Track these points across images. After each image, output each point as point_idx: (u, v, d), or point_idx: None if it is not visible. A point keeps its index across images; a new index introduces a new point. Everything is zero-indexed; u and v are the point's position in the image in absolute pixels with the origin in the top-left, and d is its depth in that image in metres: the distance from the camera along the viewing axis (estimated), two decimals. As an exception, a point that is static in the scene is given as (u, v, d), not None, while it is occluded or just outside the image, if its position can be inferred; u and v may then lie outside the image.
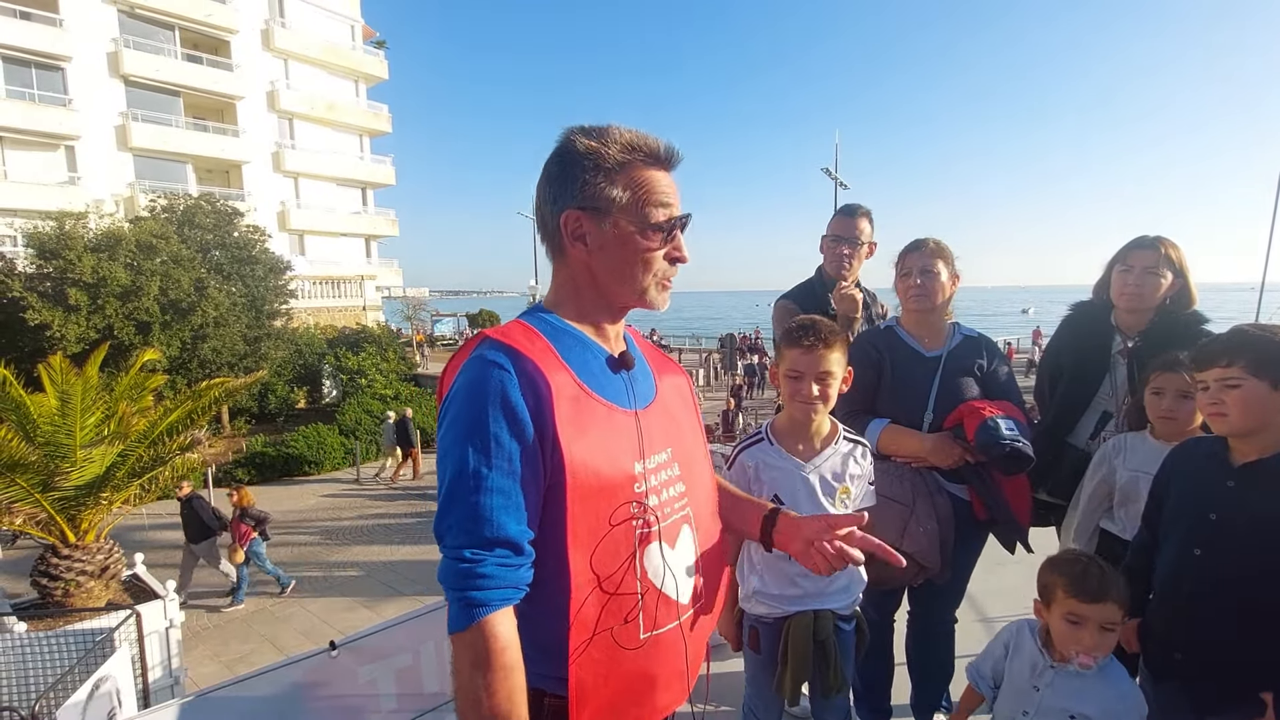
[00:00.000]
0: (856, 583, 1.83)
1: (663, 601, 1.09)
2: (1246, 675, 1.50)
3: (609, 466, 1.03)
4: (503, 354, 1.00)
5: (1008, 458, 1.92)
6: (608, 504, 1.03)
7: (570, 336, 1.10)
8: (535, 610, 1.02)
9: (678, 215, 1.10)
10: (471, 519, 0.95)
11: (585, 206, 1.06)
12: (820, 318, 1.74)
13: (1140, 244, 2.19)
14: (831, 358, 1.68)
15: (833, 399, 1.72)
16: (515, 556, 0.97)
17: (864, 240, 2.59)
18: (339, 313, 26.67)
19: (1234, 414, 1.49)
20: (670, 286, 1.14)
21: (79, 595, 6.25)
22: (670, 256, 1.11)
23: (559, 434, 0.98)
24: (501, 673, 0.93)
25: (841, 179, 24.47)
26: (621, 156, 1.05)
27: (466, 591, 0.94)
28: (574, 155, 1.06)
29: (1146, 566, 1.73)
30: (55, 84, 20.85)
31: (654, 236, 1.08)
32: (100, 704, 3.52)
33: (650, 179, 1.07)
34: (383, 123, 29.99)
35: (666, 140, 1.09)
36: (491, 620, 0.94)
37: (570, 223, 1.07)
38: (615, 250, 1.08)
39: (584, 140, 1.06)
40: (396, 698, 2.65)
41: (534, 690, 1.03)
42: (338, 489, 15.78)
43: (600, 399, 1.06)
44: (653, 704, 1.12)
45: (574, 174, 1.06)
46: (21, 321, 15.26)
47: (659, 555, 1.09)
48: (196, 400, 7.30)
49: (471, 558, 0.94)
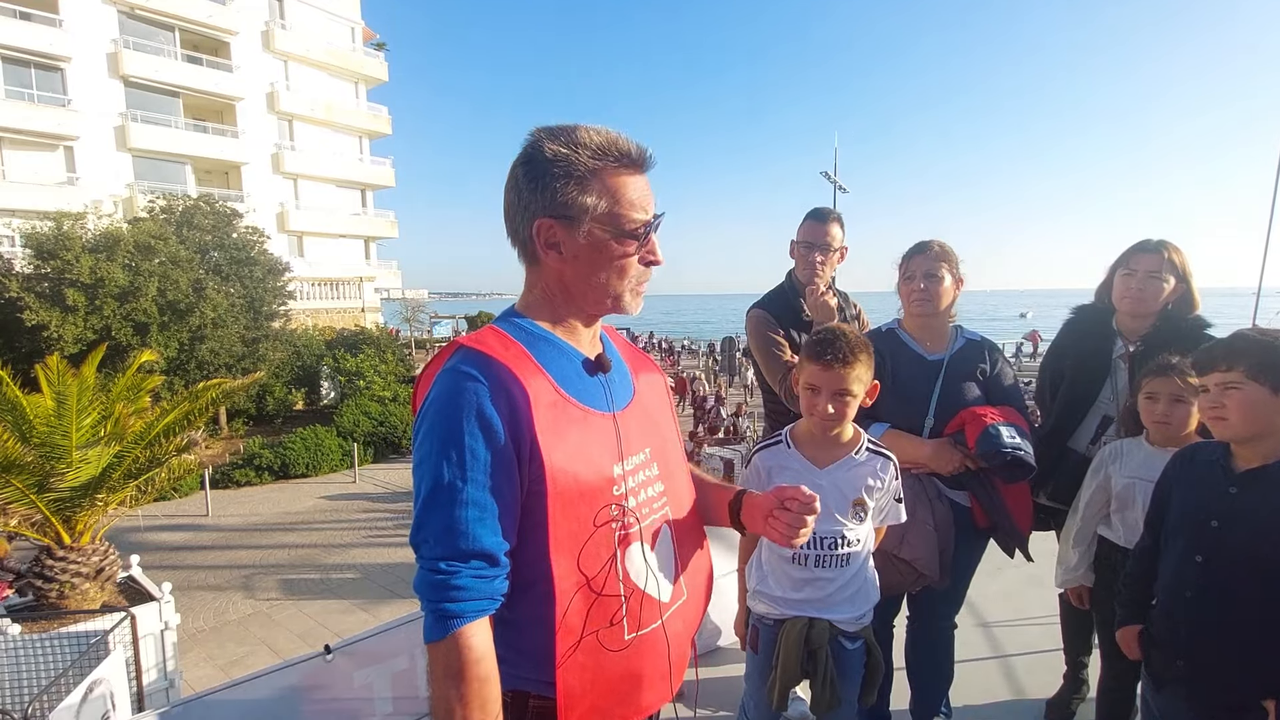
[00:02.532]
0: (864, 598, 1.78)
1: (646, 602, 1.09)
2: (1249, 683, 1.48)
3: (588, 471, 1.03)
4: (476, 365, 0.99)
5: (1009, 466, 1.91)
6: (589, 508, 1.03)
7: (546, 342, 1.09)
8: (519, 615, 1.03)
9: (652, 219, 1.07)
10: (447, 531, 0.95)
11: (557, 215, 1.03)
12: (847, 330, 1.69)
13: (1143, 248, 2.19)
14: (851, 376, 1.63)
15: (850, 416, 1.68)
16: (490, 568, 0.98)
17: (835, 246, 2.54)
18: (337, 314, 26.66)
19: (1234, 418, 1.48)
20: (644, 291, 1.13)
21: (74, 597, 6.21)
22: (644, 260, 1.10)
23: (538, 441, 0.98)
24: (476, 683, 0.94)
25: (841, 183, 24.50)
26: (593, 163, 1.02)
27: (441, 603, 0.95)
28: (543, 162, 1.02)
29: (1149, 573, 1.72)
30: (55, 84, 20.84)
31: (629, 243, 1.06)
32: (94, 707, 3.50)
33: (623, 184, 1.05)
34: (382, 124, 30.02)
35: (638, 141, 1.06)
36: (466, 631, 0.94)
37: (543, 231, 1.05)
38: (589, 258, 1.05)
39: (552, 145, 1.02)
40: (392, 701, 2.63)
41: (518, 693, 1.05)
42: (335, 491, 15.75)
43: (578, 404, 1.06)
44: (637, 703, 1.12)
45: (544, 181, 1.02)
46: (19, 322, 15.25)
47: (640, 556, 1.09)
48: (194, 401, 7.28)
49: (447, 569, 0.95)
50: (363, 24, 29.39)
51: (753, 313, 2.62)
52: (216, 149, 24.59)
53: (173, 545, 12.21)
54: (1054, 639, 2.65)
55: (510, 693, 1.05)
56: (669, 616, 1.14)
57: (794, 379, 1.81)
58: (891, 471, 1.76)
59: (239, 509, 14.46)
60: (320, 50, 27.02)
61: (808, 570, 1.73)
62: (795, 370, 1.81)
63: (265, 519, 13.80)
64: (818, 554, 1.72)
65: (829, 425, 1.69)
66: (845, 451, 1.74)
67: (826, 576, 1.73)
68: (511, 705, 1.05)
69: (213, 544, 12.41)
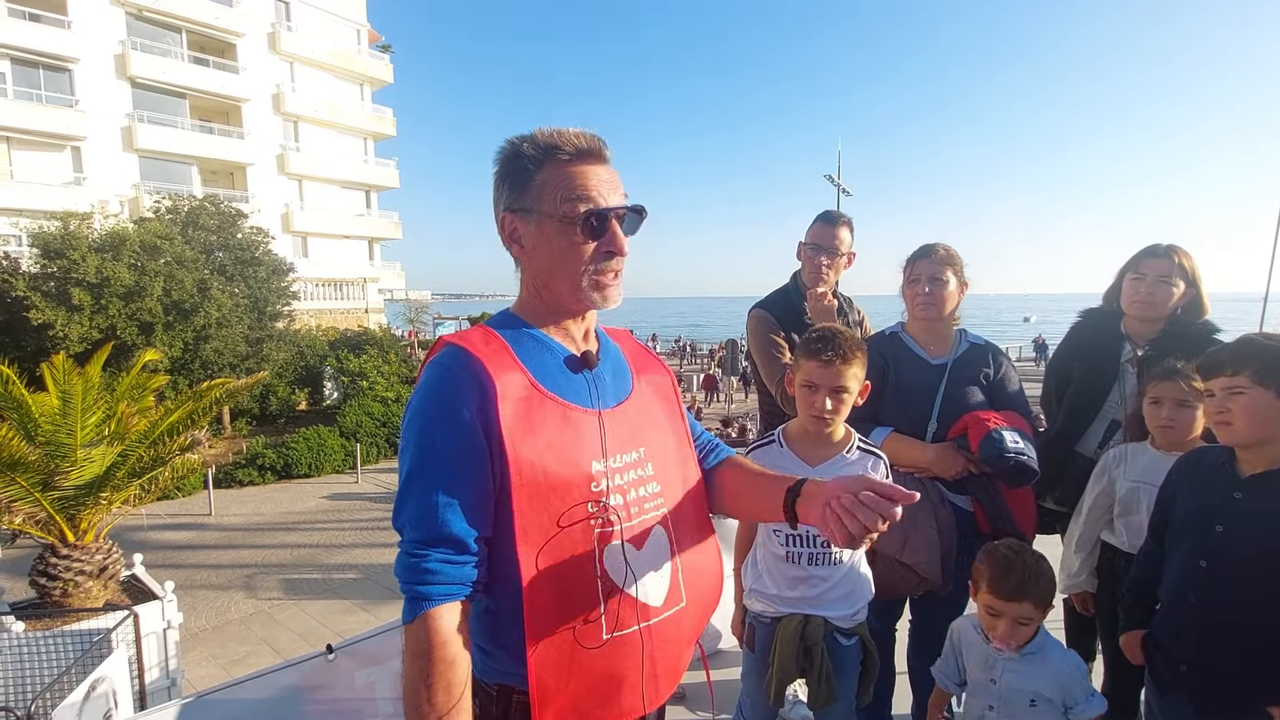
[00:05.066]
0: (859, 595, 1.80)
1: (626, 602, 1.08)
2: (1252, 688, 1.48)
3: (561, 465, 1.04)
4: (456, 358, 1.04)
5: (1012, 470, 1.90)
6: (560, 502, 1.03)
7: (531, 338, 1.12)
8: (494, 607, 1.05)
9: (604, 208, 1.07)
10: (419, 516, 0.99)
11: (514, 208, 1.10)
12: (842, 330, 1.71)
13: (1153, 252, 2.18)
14: (849, 373, 1.67)
15: (845, 412, 1.72)
16: (458, 554, 1.00)
17: (843, 251, 2.52)
18: (341, 315, 26.71)
19: (1239, 422, 1.48)
20: (610, 284, 1.11)
21: (77, 595, 6.24)
22: (605, 249, 1.09)
23: (503, 434, 1.00)
24: (441, 665, 0.96)
25: (845, 186, 24.47)
26: (539, 154, 1.07)
27: (414, 585, 0.98)
28: (505, 159, 1.10)
29: (1154, 578, 1.71)
30: (62, 85, 20.94)
31: (572, 231, 1.07)
32: (96, 705, 3.50)
33: (568, 175, 1.07)
34: (387, 126, 30.10)
35: (591, 133, 1.09)
36: (434, 614, 0.97)
37: (507, 225, 1.12)
38: (544, 249, 1.09)
39: (511, 143, 1.10)
40: (394, 702, 2.63)
41: (504, 687, 1.06)
42: (338, 491, 15.78)
43: (556, 398, 1.07)
44: (619, 705, 1.10)
45: (502, 178, 1.11)
46: (25, 321, 15.30)
47: (620, 555, 1.08)
48: (197, 401, 7.31)
49: (418, 553, 0.99)
50: (368, 26, 29.48)
51: (754, 313, 2.60)
52: (222, 150, 24.67)
53: (176, 544, 12.24)
54: (1056, 644, 2.64)
55: (496, 686, 1.06)
56: (659, 621, 1.11)
57: (788, 378, 1.82)
58: (882, 470, 1.78)
59: (242, 508, 14.50)
60: (326, 52, 27.12)
61: (802, 568, 1.75)
62: (791, 369, 1.82)
63: (268, 519, 13.82)
64: (811, 552, 1.75)
65: (825, 422, 1.70)
66: (837, 450, 1.76)
67: (820, 574, 1.75)
68: (498, 699, 1.06)
69: (215, 543, 12.44)
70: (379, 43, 30.62)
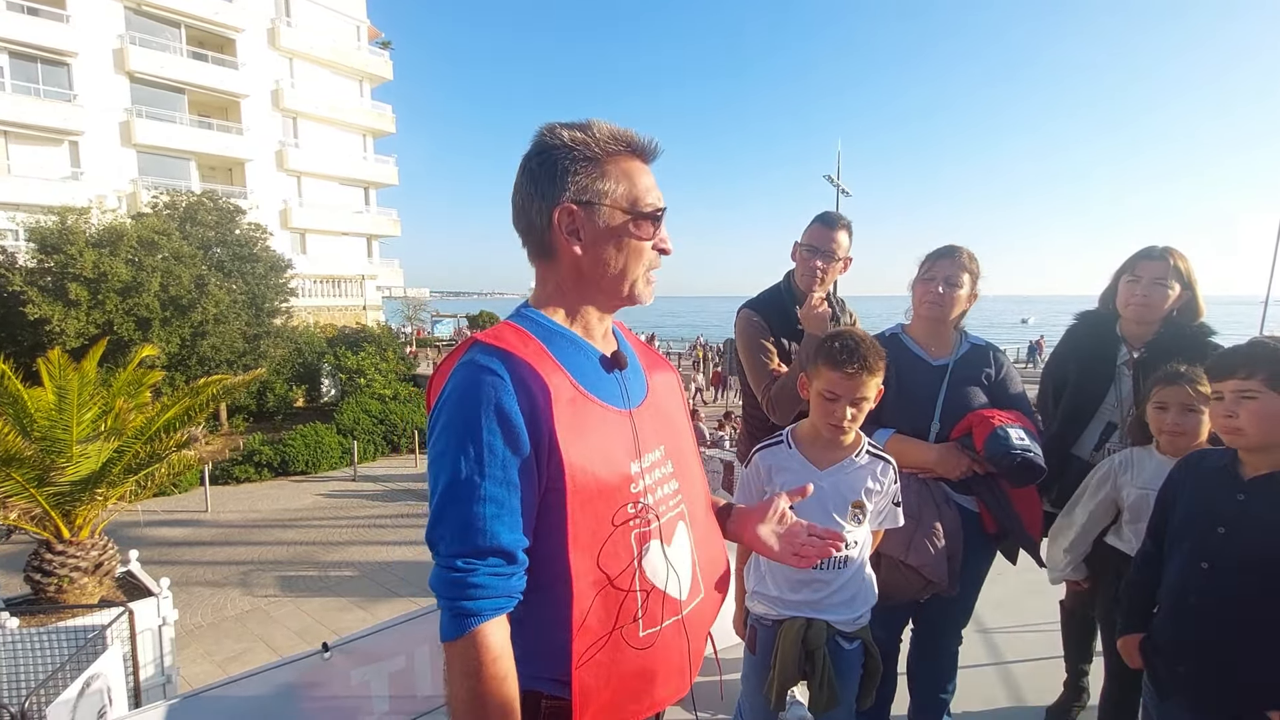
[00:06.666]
0: (862, 600, 1.78)
1: (661, 599, 1.08)
2: (1253, 692, 1.47)
3: (607, 468, 1.02)
4: (496, 359, 0.99)
5: (1018, 468, 1.89)
6: (608, 506, 1.02)
7: (563, 337, 1.09)
8: (536, 615, 1.02)
9: (664, 206, 1.10)
10: (464, 528, 0.94)
11: (578, 200, 1.04)
12: (864, 338, 1.68)
13: (1149, 254, 2.18)
14: (872, 384, 1.65)
15: (862, 420, 1.71)
16: (508, 565, 0.96)
17: (840, 255, 2.41)
18: (339, 312, 26.67)
19: (1249, 427, 1.47)
20: (654, 281, 1.14)
21: (72, 591, 6.21)
22: (657, 248, 1.11)
23: (558, 438, 0.97)
24: (494, 682, 0.93)
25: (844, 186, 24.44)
26: (610, 147, 1.05)
27: (459, 601, 0.94)
28: (559, 149, 1.04)
29: (1153, 580, 1.70)
30: (61, 79, 20.87)
31: (645, 227, 1.08)
32: (91, 702, 3.48)
33: (637, 169, 1.08)
34: (386, 123, 30.03)
35: (646, 134, 1.09)
36: (483, 630, 0.94)
37: (564, 218, 1.05)
38: (608, 243, 1.07)
39: (568, 133, 1.04)
40: (389, 700, 2.62)
41: (530, 693, 1.03)
42: (335, 488, 15.75)
43: (596, 400, 1.05)
44: (651, 699, 1.11)
45: (562, 167, 1.03)
46: (21, 316, 15.27)
47: (659, 553, 1.08)
48: (194, 397, 7.27)
49: (464, 567, 0.94)
50: (368, 22, 29.41)
51: (743, 313, 2.50)
52: (221, 145, 24.60)
53: (172, 541, 12.21)
54: (1054, 646, 2.64)
55: (522, 693, 1.03)
56: (688, 613, 1.13)
57: (802, 383, 1.79)
58: (891, 475, 1.76)
59: (238, 505, 14.47)
60: (325, 48, 27.04)
61: (806, 571, 1.72)
62: (805, 375, 1.78)
63: (264, 516, 13.80)
64: None
65: (843, 430, 1.69)
66: (846, 454, 1.74)
67: (824, 578, 1.74)
68: (524, 706, 1.03)
69: (212, 540, 12.41)
70: (379, 39, 30.56)
